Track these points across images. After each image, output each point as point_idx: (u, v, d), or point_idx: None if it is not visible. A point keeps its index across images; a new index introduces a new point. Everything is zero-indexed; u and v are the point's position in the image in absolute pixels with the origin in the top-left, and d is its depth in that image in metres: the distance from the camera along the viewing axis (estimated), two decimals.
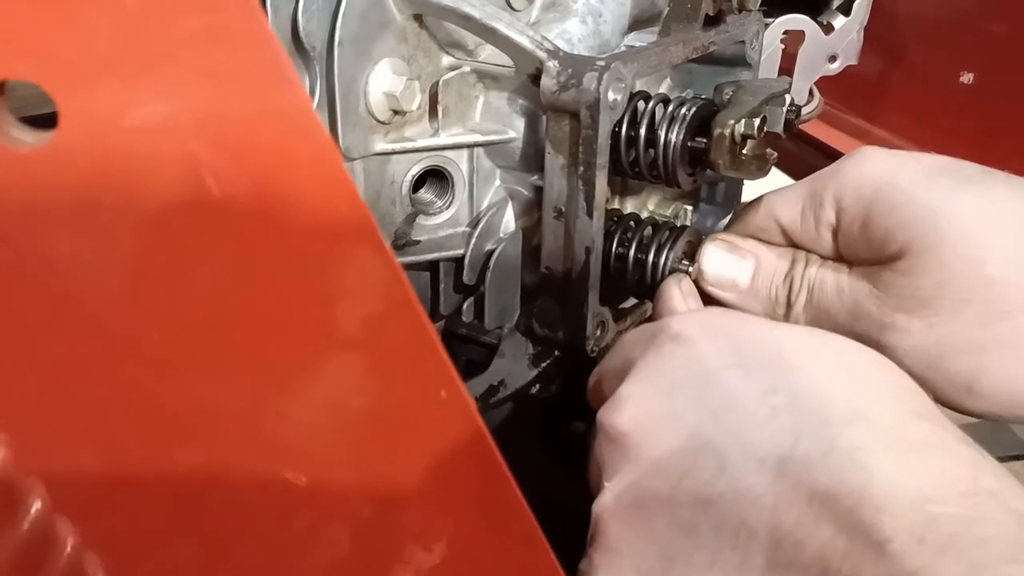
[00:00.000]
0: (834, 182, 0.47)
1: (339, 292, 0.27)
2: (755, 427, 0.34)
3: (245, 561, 0.31)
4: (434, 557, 0.32)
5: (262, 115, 0.24)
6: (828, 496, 0.31)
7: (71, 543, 0.29)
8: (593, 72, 0.45)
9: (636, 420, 0.38)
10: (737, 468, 0.34)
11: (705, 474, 0.35)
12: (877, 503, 0.30)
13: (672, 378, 0.38)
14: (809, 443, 0.33)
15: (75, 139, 0.24)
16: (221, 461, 0.29)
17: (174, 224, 0.25)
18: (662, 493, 0.36)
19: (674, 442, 0.36)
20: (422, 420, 0.30)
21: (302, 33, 0.42)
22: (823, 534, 0.31)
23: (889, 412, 0.34)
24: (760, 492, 0.33)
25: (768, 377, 0.36)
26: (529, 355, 0.55)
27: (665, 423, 0.37)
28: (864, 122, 1.02)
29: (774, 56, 0.74)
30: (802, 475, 0.32)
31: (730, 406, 0.36)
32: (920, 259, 0.42)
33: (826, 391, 0.35)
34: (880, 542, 0.29)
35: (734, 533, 0.33)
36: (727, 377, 0.37)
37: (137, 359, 0.27)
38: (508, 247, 0.53)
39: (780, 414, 0.34)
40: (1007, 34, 0.84)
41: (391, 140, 0.49)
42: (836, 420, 0.33)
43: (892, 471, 0.31)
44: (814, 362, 0.36)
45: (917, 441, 0.33)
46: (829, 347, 0.38)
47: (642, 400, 0.39)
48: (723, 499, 0.34)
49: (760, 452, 0.34)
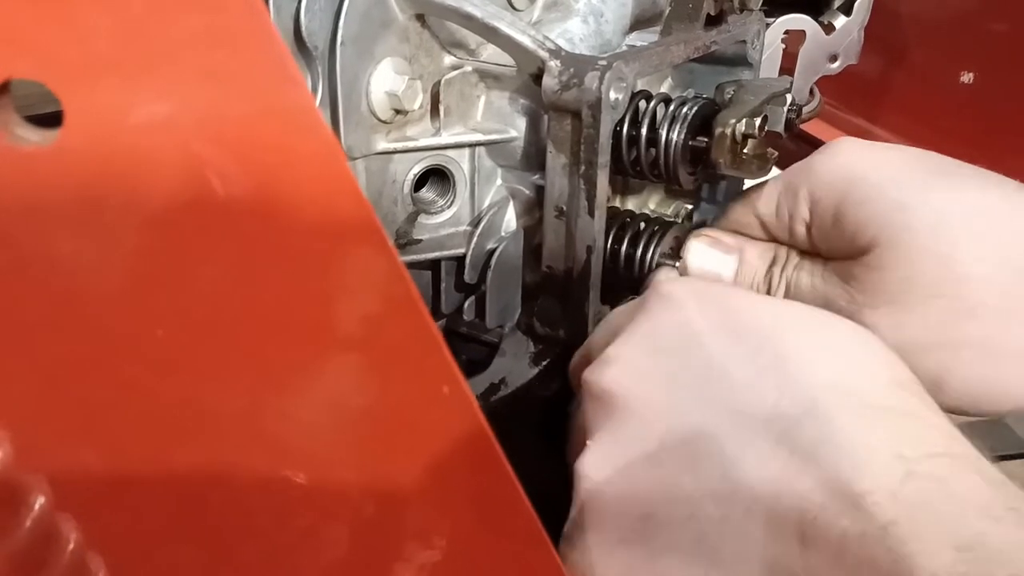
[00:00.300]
0: (807, 175, 0.47)
1: (343, 291, 0.27)
2: (740, 386, 0.35)
3: (246, 560, 0.31)
4: (436, 555, 0.32)
5: (266, 114, 0.24)
6: (808, 452, 0.32)
7: (73, 542, 0.29)
8: (595, 71, 0.45)
9: (622, 378, 0.38)
10: (720, 424, 0.35)
11: (688, 430, 0.35)
12: (855, 460, 0.31)
13: (659, 338, 0.39)
14: (791, 402, 0.34)
15: (80, 138, 0.24)
16: (224, 460, 0.29)
17: (178, 223, 0.25)
18: (646, 450, 0.36)
19: (659, 400, 0.37)
20: (424, 417, 0.30)
21: (304, 32, 0.42)
22: (802, 486, 0.32)
23: (868, 379, 0.35)
24: (742, 447, 0.34)
25: (754, 340, 0.36)
26: (530, 354, 0.55)
27: (651, 381, 0.38)
28: (864, 122, 1.02)
29: (775, 56, 0.74)
30: (784, 431, 0.33)
31: (716, 366, 0.36)
32: (888, 253, 0.42)
33: (808, 357, 0.35)
34: (857, 495, 0.30)
35: (714, 488, 0.34)
36: (714, 339, 0.37)
37: (140, 358, 0.27)
38: (509, 246, 0.53)
39: (764, 374, 0.35)
40: (1007, 34, 0.84)
41: (393, 139, 0.49)
42: (817, 384, 0.34)
43: (869, 431, 0.32)
44: (798, 330, 0.37)
45: (893, 407, 0.33)
46: (813, 318, 0.38)
47: (629, 359, 0.39)
48: (706, 454, 0.34)
49: (744, 409, 0.34)
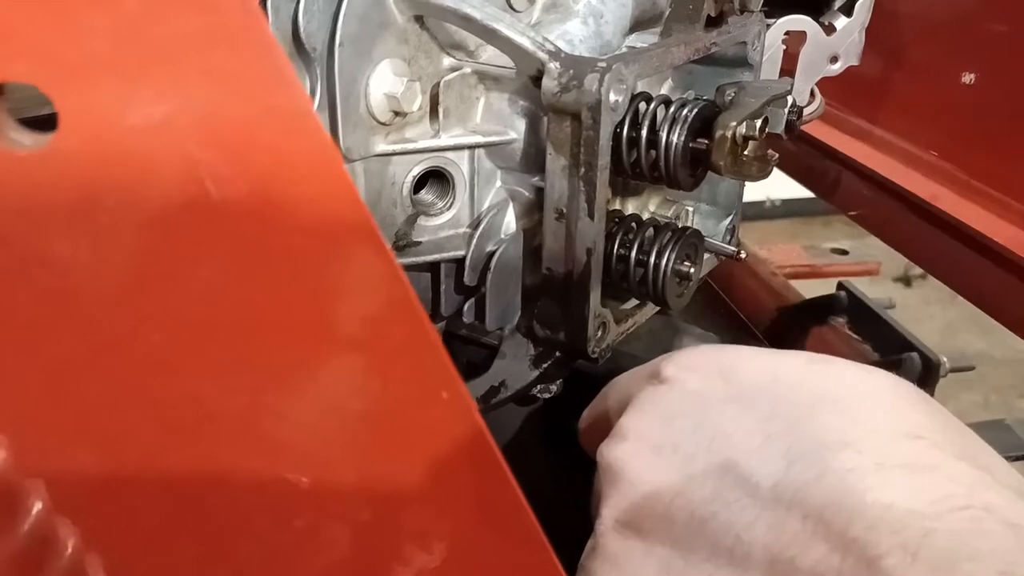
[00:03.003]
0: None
1: (340, 293, 0.27)
2: (750, 453, 0.35)
3: (245, 562, 0.31)
4: (435, 558, 0.32)
5: (262, 116, 0.24)
6: (821, 517, 0.32)
7: (72, 544, 0.29)
8: (594, 73, 0.45)
9: (633, 448, 0.39)
10: (731, 492, 0.35)
11: (700, 496, 0.35)
12: (869, 521, 0.30)
13: (669, 410, 0.39)
14: (802, 467, 0.33)
15: (74, 141, 0.23)
16: (222, 462, 0.29)
17: (174, 226, 0.25)
18: (657, 511, 0.36)
19: (669, 465, 0.37)
20: (423, 421, 0.30)
21: (303, 34, 0.42)
22: (817, 552, 0.31)
23: (882, 434, 0.34)
24: (754, 515, 0.33)
25: (763, 406, 0.36)
26: (530, 356, 0.55)
27: (661, 450, 0.38)
28: (866, 123, 1.02)
29: (775, 57, 0.74)
30: (795, 498, 0.33)
31: (726, 434, 0.36)
32: None
33: (819, 416, 0.35)
34: (873, 558, 0.30)
35: (730, 551, 0.34)
36: (723, 410, 0.38)
37: (137, 360, 0.27)
38: (509, 248, 0.52)
39: (774, 440, 0.35)
40: (1009, 34, 0.84)
41: (392, 141, 0.49)
42: (829, 444, 0.34)
43: (884, 490, 0.31)
44: (808, 388, 0.37)
45: (909, 461, 0.33)
46: (824, 372, 0.38)
47: (640, 431, 0.40)
48: (718, 519, 0.34)
49: (754, 476, 0.34)
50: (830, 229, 3.28)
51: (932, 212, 0.89)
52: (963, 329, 2.83)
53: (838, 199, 1.08)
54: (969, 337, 2.79)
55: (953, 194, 0.89)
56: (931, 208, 0.89)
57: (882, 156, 0.99)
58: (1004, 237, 0.81)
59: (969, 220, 0.84)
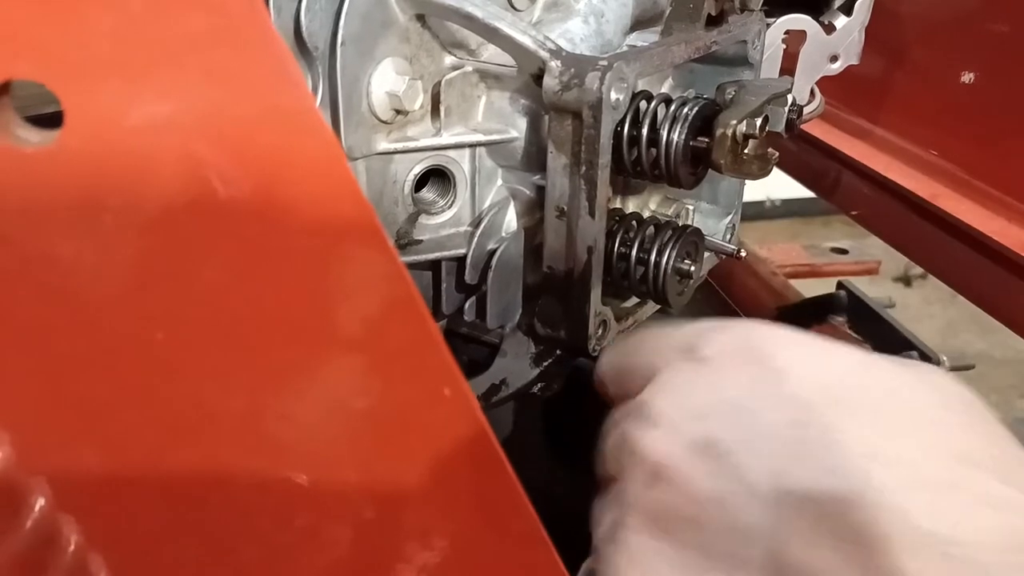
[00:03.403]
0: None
1: (343, 291, 0.27)
2: (785, 460, 0.34)
3: (248, 560, 0.31)
4: (437, 556, 0.32)
5: (266, 115, 0.24)
6: (855, 536, 0.31)
7: (74, 543, 0.29)
8: (595, 72, 0.45)
9: (667, 440, 0.37)
10: (766, 502, 0.34)
11: (734, 503, 0.34)
12: (903, 545, 0.30)
13: (707, 400, 0.38)
14: (838, 480, 0.32)
15: (80, 138, 0.24)
16: (225, 461, 0.29)
17: (179, 224, 0.25)
18: (688, 514, 0.36)
19: (709, 471, 0.36)
20: (426, 418, 0.30)
21: (305, 33, 0.42)
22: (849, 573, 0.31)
23: (925, 452, 0.33)
24: (788, 530, 0.33)
25: (801, 410, 0.35)
26: (531, 354, 0.55)
27: (699, 450, 0.36)
28: (865, 122, 1.02)
29: (776, 56, 0.74)
30: (829, 511, 0.32)
31: (762, 437, 0.35)
32: None
33: (860, 428, 0.34)
34: None
35: (761, 564, 0.33)
36: (760, 409, 0.36)
37: (141, 359, 0.27)
38: (510, 246, 0.53)
39: (809, 449, 0.34)
40: (1008, 34, 0.84)
41: (393, 140, 0.49)
42: (867, 457, 0.32)
43: (921, 514, 0.30)
44: (852, 393, 0.35)
45: (952, 484, 0.32)
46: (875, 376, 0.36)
47: (673, 420, 0.38)
48: (749, 529, 0.34)
49: (789, 486, 0.33)
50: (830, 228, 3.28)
51: (932, 212, 0.89)
52: (963, 329, 2.83)
53: (838, 198, 1.08)
54: (969, 337, 2.79)
55: (953, 194, 0.89)
56: (931, 208, 0.89)
57: (882, 155, 0.99)
58: (1004, 237, 0.81)
59: (969, 220, 0.85)
